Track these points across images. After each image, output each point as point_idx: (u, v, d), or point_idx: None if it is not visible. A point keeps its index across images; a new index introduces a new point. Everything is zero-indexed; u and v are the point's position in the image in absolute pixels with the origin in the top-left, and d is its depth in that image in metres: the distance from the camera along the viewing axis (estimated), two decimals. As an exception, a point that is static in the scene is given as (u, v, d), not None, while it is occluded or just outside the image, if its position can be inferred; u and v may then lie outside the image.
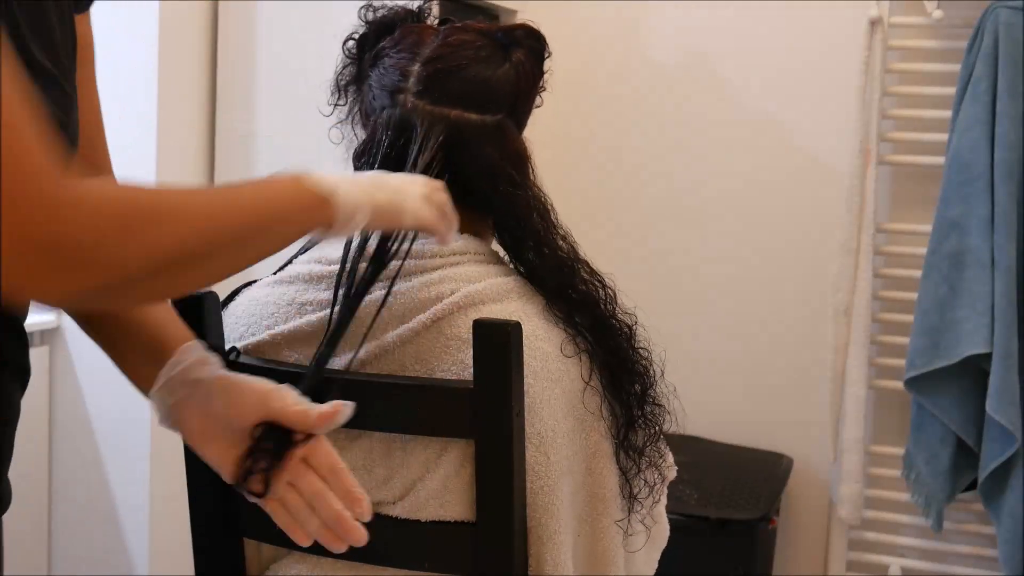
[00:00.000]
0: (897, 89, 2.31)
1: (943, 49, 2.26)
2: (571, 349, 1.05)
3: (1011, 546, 2.05)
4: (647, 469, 1.10)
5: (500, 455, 0.99)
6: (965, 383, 2.09)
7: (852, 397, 2.25)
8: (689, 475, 2.19)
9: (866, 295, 2.25)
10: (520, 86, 1.10)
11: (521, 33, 1.12)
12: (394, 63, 1.08)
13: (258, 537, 1.13)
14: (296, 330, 1.06)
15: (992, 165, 2.04)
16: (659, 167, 2.51)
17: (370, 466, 1.03)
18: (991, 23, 2.06)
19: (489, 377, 0.98)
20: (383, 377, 1.02)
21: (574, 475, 1.05)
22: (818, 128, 2.38)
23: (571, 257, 1.09)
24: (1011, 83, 2.04)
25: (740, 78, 2.43)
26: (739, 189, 2.45)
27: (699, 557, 2.10)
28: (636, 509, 1.11)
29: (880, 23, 2.23)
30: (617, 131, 2.54)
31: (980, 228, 2.05)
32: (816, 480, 2.43)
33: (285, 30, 2.05)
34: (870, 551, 2.39)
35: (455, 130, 1.05)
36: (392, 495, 1.03)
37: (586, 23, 2.53)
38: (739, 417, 2.46)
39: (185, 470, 1.10)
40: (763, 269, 2.44)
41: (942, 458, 2.13)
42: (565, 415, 1.03)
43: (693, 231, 2.49)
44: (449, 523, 1.02)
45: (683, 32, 2.47)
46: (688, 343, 2.45)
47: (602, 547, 1.07)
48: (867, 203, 2.24)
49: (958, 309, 2.07)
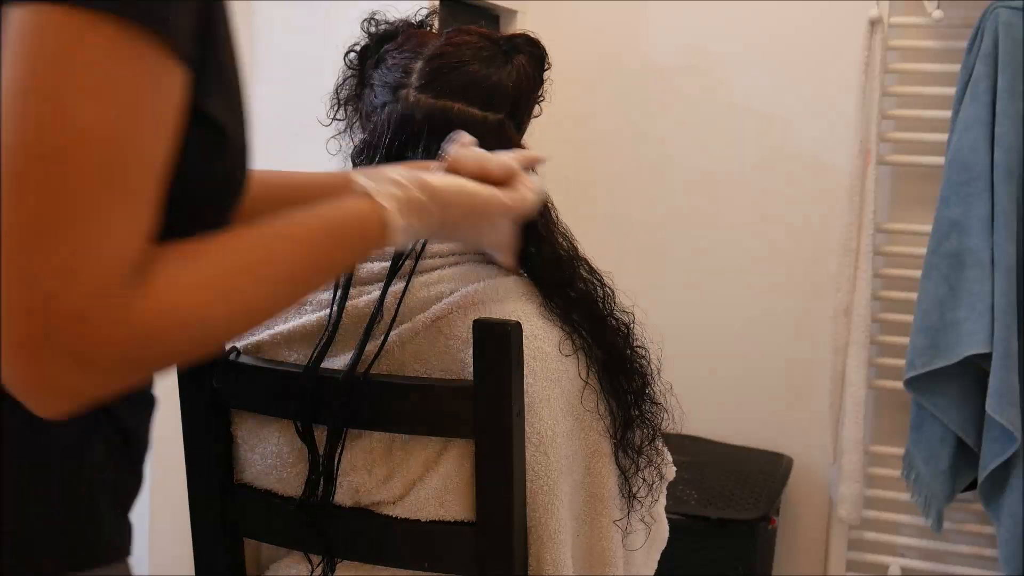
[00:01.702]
0: (897, 89, 2.31)
1: (943, 49, 2.26)
2: (569, 348, 1.05)
3: (1011, 546, 2.05)
4: (646, 468, 1.11)
5: (500, 455, 0.99)
6: (965, 383, 2.09)
7: (852, 397, 2.25)
8: (689, 475, 2.19)
9: (866, 295, 2.25)
10: (521, 87, 1.10)
11: (522, 40, 1.12)
12: (397, 62, 1.08)
13: (258, 537, 1.13)
14: (296, 329, 1.06)
15: (992, 165, 2.04)
16: (659, 167, 2.51)
17: (370, 466, 1.03)
18: (991, 23, 2.06)
19: (489, 377, 0.98)
20: (383, 377, 1.02)
21: (573, 475, 1.05)
22: (818, 128, 2.38)
23: (571, 255, 1.09)
24: (1011, 83, 2.04)
25: (740, 78, 2.43)
26: (739, 189, 2.45)
27: (699, 557, 2.10)
28: (635, 508, 1.11)
29: (880, 23, 2.23)
30: (616, 131, 2.54)
31: (980, 228, 2.05)
32: (816, 480, 2.43)
33: (285, 29, 2.04)
34: (870, 551, 2.39)
35: (458, 123, 1.05)
36: (392, 495, 1.03)
37: (586, 23, 2.53)
38: (739, 417, 2.46)
39: (185, 470, 1.11)
40: (763, 269, 2.44)
41: (942, 458, 2.13)
42: (564, 415, 1.03)
43: (693, 231, 2.49)
44: (449, 523, 1.02)
45: (683, 32, 2.47)
46: (688, 342, 2.45)
47: (601, 547, 1.07)
48: (867, 203, 2.24)
49: (958, 309, 2.07)
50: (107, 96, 0.61)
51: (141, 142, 0.63)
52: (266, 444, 1.07)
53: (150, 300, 0.63)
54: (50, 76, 0.60)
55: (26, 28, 0.61)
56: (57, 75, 0.60)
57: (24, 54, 0.61)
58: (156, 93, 0.64)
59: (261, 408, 1.07)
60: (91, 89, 0.61)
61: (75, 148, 0.60)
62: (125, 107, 0.62)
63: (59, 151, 0.60)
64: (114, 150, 0.62)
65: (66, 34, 0.61)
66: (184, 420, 1.10)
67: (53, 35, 0.61)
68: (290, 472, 1.06)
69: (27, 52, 0.61)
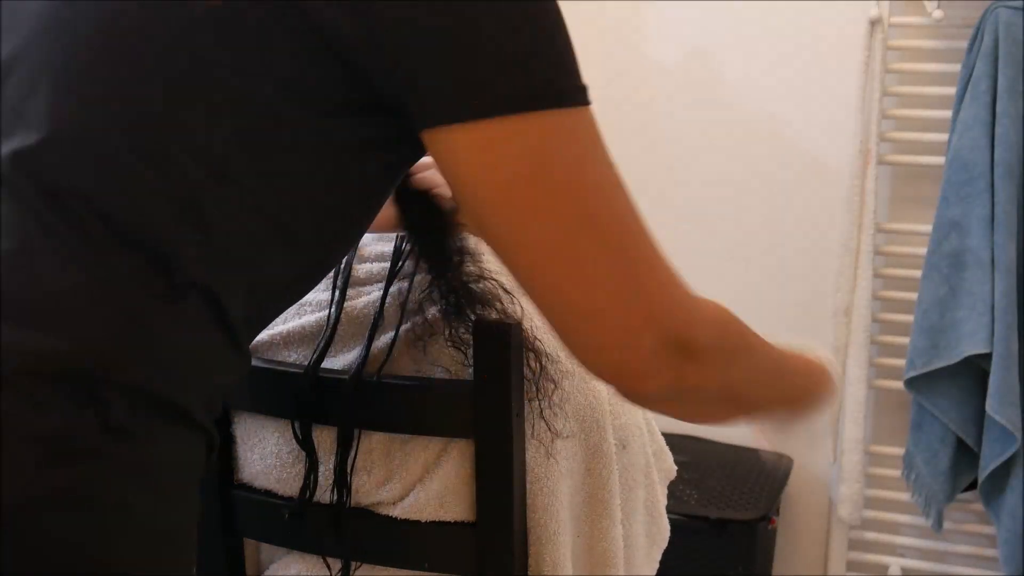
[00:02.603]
0: (897, 89, 2.31)
1: (943, 49, 2.25)
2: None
3: (1011, 546, 2.05)
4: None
5: (500, 455, 0.99)
6: (965, 383, 2.09)
7: (852, 397, 2.25)
8: (689, 475, 2.19)
9: (866, 295, 2.25)
10: None
11: None
12: None
13: (258, 537, 1.13)
14: (295, 330, 1.06)
15: (992, 165, 2.04)
16: (658, 167, 2.50)
17: (369, 467, 1.03)
18: (991, 23, 2.06)
19: (489, 377, 0.98)
20: (383, 377, 1.02)
21: (573, 476, 1.05)
22: (818, 128, 2.37)
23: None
24: (1011, 83, 2.03)
25: (740, 78, 2.43)
26: (739, 189, 2.45)
27: (699, 557, 2.10)
28: (635, 507, 1.11)
29: (880, 23, 2.23)
30: (615, 131, 2.52)
31: (980, 228, 2.05)
32: (816, 480, 2.43)
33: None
34: (870, 551, 2.39)
35: None
36: (392, 496, 1.03)
37: (586, 23, 2.52)
38: (739, 417, 2.46)
39: (185, 470, 1.10)
40: (763, 269, 2.44)
41: (942, 458, 2.13)
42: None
43: (692, 231, 2.49)
44: (449, 523, 1.02)
45: (683, 32, 2.47)
46: (688, 343, 2.45)
47: (602, 548, 1.07)
48: (867, 203, 2.24)
49: (958, 309, 2.07)
50: (604, 162, 0.76)
51: (617, 170, 0.77)
52: (265, 444, 1.07)
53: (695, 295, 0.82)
54: (563, 167, 0.73)
55: (516, 138, 0.71)
56: (566, 163, 0.73)
57: (525, 161, 0.72)
58: (598, 129, 0.77)
59: (260, 408, 1.07)
60: (600, 161, 0.75)
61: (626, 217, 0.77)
62: (610, 164, 0.76)
63: (620, 219, 0.76)
64: (627, 203, 0.77)
65: (571, 130, 0.74)
66: (184, 420, 1.09)
67: (536, 136, 0.72)
68: (289, 472, 1.06)
69: (528, 158, 0.72)
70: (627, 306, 0.75)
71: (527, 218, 0.73)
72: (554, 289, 0.75)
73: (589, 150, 0.74)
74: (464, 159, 0.72)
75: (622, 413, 1.09)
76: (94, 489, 0.67)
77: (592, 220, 0.74)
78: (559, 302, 0.76)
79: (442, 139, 0.71)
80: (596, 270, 0.74)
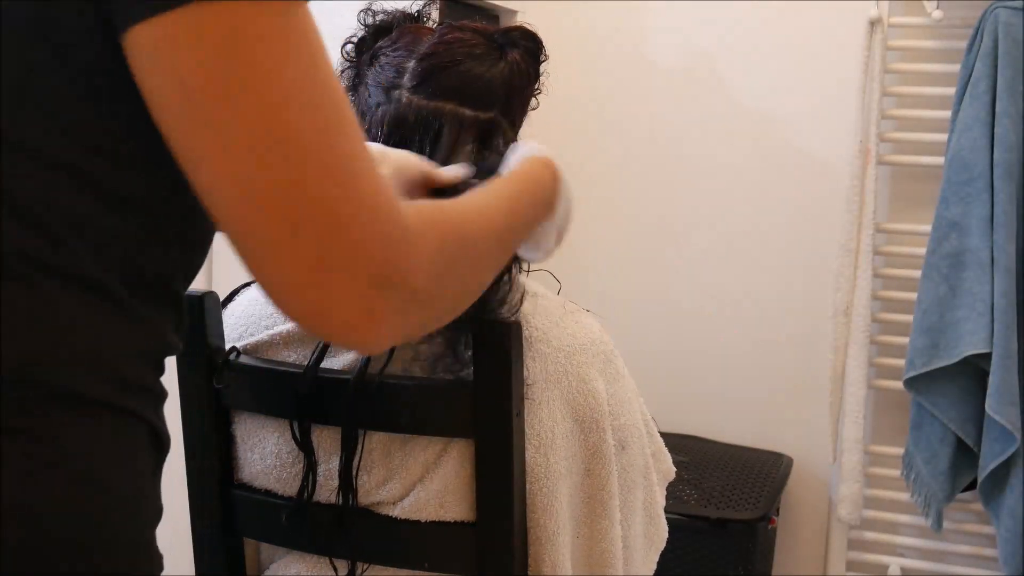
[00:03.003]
0: (897, 89, 2.31)
1: (943, 49, 2.26)
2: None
3: (1011, 546, 2.05)
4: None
5: (500, 455, 0.99)
6: (965, 383, 2.09)
7: (852, 397, 2.25)
8: (689, 475, 2.20)
9: (866, 295, 2.25)
10: (514, 83, 1.09)
11: (518, 34, 1.12)
12: (390, 61, 1.08)
13: (258, 537, 1.13)
14: (295, 330, 1.06)
15: (992, 165, 2.04)
16: (658, 167, 2.51)
17: (369, 467, 1.03)
18: (991, 23, 2.06)
19: (489, 377, 0.98)
20: (383, 377, 1.02)
21: (572, 476, 1.05)
22: (818, 128, 2.38)
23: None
24: (1011, 83, 2.04)
25: (740, 78, 2.43)
26: (739, 189, 2.45)
27: (699, 557, 2.10)
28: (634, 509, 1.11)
29: (880, 23, 2.23)
30: (615, 131, 2.54)
31: (980, 228, 2.05)
32: (816, 480, 2.43)
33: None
34: (870, 551, 2.39)
35: (450, 124, 1.05)
36: (392, 496, 1.03)
37: (586, 23, 2.53)
38: (739, 417, 2.46)
39: (184, 469, 1.11)
40: (763, 269, 2.44)
41: (942, 458, 2.13)
42: (564, 416, 1.03)
43: (693, 231, 2.49)
44: (449, 523, 1.02)
45: (683, 32, 2.47)
46: (688, 342, 2.45)
47: (601, 548, 1.07)
48: (867, 203, 2.24)
49: (958, 309, 2.07)
50: (311, 70, 0.65)
51: (334, 82, 0.67)
52: (265, 444, 1.07)
53: (411, 223, 0.70)
54: (249, 68, 0.63)
55: (198, 32, 0.62)
56: (256, 63, 0.63)
57: (208, 56, 0.62)
58: (314, 33, 0.66)
59: (260, 408, 1.07)
60: (307, 69, 0.65)
61: (336, 121, 0.66)
62: (320, 74, 0.66)
63: (326, 126, 0.65)
64: (333, 97, 0.67)
65: (268, 24, 0.63)
66: (184, 419, 1.10)
67: (223, 28, 0.62)
68: (289, 472, 1.06)
69: (212, 53, 0.62)
70: (321, 240, 0.65)
71: (208, 127, 0.63)
72: (236, 216, 0.65)
73: (292, 53, 0.64)
74: (149, 65, 0.64)
75: (621, 414, 1.09)
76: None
77: (285, 136, 0.64)
78: (241, 230, 0.66)
79: (130, 45, 0.64)
80: (286, 194, 0.64)
